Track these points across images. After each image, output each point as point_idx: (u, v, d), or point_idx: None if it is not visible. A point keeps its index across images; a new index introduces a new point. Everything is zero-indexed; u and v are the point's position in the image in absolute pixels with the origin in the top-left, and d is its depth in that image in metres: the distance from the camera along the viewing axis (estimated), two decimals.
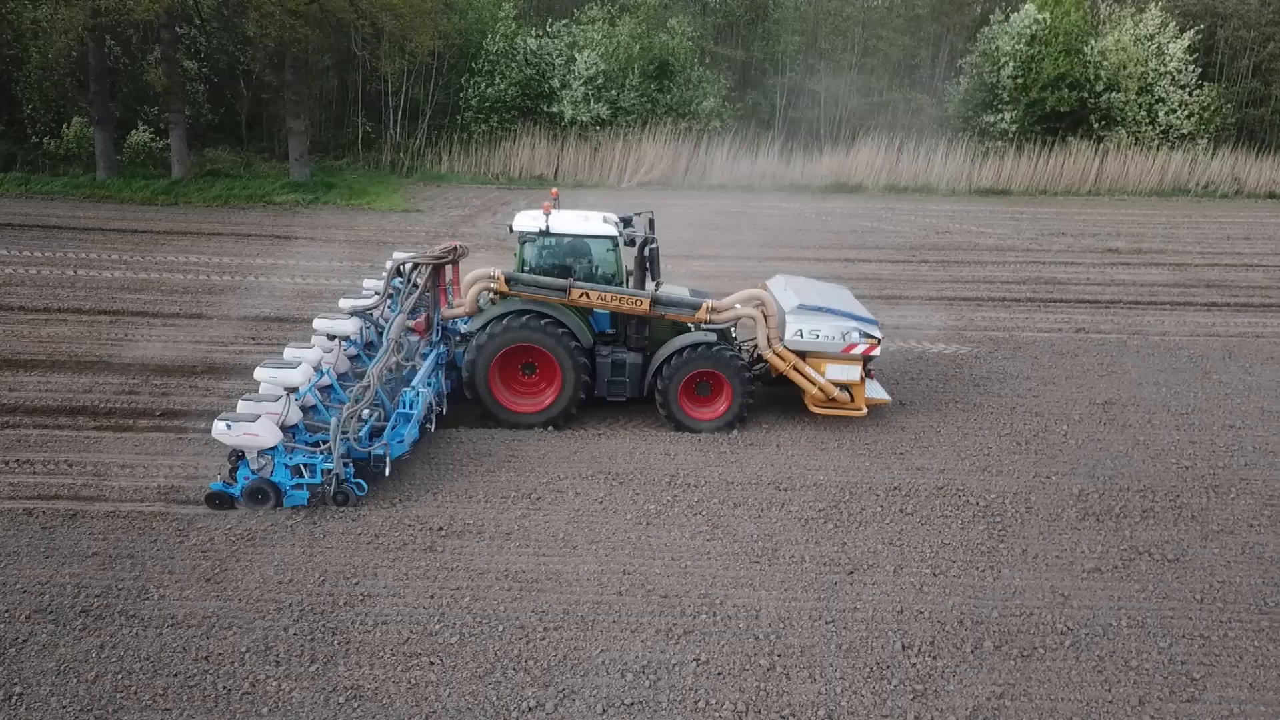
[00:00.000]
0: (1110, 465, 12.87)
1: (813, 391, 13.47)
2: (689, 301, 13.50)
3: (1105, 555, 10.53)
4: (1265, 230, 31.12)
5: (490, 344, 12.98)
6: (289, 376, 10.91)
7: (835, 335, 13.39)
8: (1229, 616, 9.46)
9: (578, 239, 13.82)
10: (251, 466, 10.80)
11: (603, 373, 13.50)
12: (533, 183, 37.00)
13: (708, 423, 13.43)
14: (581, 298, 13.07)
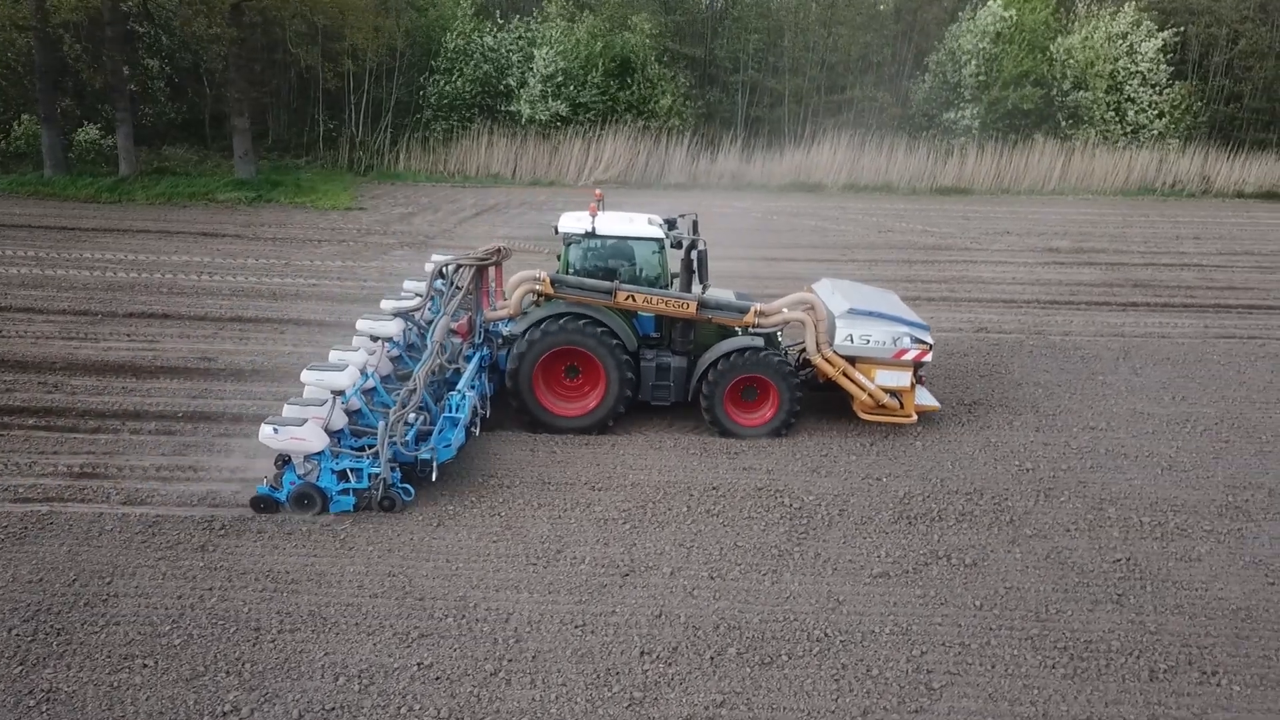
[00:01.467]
0: (948, 467, 12.57)
1: (862, 398, 13.18)
2: (736, 305, 13.26)
3: (900, 560, 10.24)
4: (1219, 230, 30.53)
5: (535, 347, 12.79)
6: (336, 379, 10.75)
7: (886, 340, 13.11)
8: (1001, 624, 9.16)
9: (624, 241, 13.61)
10: (298, 471, 10.64)
11: (647, 377, 13.31)
12: (489, 181, 36.92)
13: (754, 429, 13.17)
14: (627, 300, 12.89)
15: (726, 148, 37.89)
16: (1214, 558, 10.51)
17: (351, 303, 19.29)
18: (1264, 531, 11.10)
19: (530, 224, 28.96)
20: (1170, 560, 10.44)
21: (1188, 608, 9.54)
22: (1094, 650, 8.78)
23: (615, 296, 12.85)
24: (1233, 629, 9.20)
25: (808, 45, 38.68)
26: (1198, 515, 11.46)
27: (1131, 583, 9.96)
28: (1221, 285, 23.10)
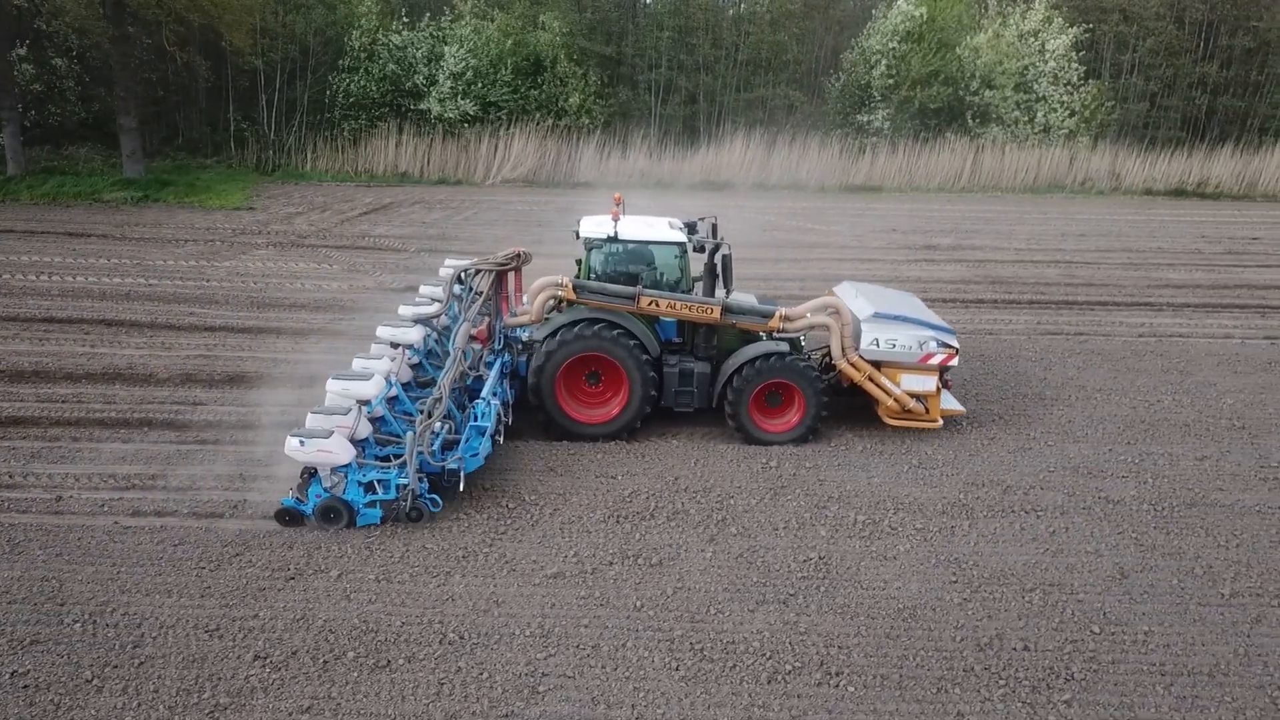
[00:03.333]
0: (690, 465, 12.46)
1: (888, 403, 13.08)
2: (761, 310, 13.09)
3: (586, 560, 10.12)
4: (1110, 227, 30.51)
5: (557, 353, 12.62)
6: (362, 389, 10.63)
7: (912, 345, 12.97)
8: (650, 625, 9.05)
9: (646, 245, 13.38)
10: (324, 484, 10.43)
11: (670, 383, 13.12)
12: (396, 180, 36.76)
13: (779, 435, 13.04)
14: (651, 306, 12.71)
15: (637, 146, 37.76)
16: (910, 556, 10.41)
17: (177, 303, 19.15)
18: (975, 530, 11.00)
19: (413, 223, 28.83)
20: (865, 559, 10.34)
21: (853, 608, 9.43)
22: (730, 651, 8.67)
23: (638, 302, 12.66)
24: (886, 629, 9.09)
25: (719, 43, 38.55)
26: (918, 513, 11.36)
27: (811, 582, 9.85)
28: (1079, 282, 23.05)
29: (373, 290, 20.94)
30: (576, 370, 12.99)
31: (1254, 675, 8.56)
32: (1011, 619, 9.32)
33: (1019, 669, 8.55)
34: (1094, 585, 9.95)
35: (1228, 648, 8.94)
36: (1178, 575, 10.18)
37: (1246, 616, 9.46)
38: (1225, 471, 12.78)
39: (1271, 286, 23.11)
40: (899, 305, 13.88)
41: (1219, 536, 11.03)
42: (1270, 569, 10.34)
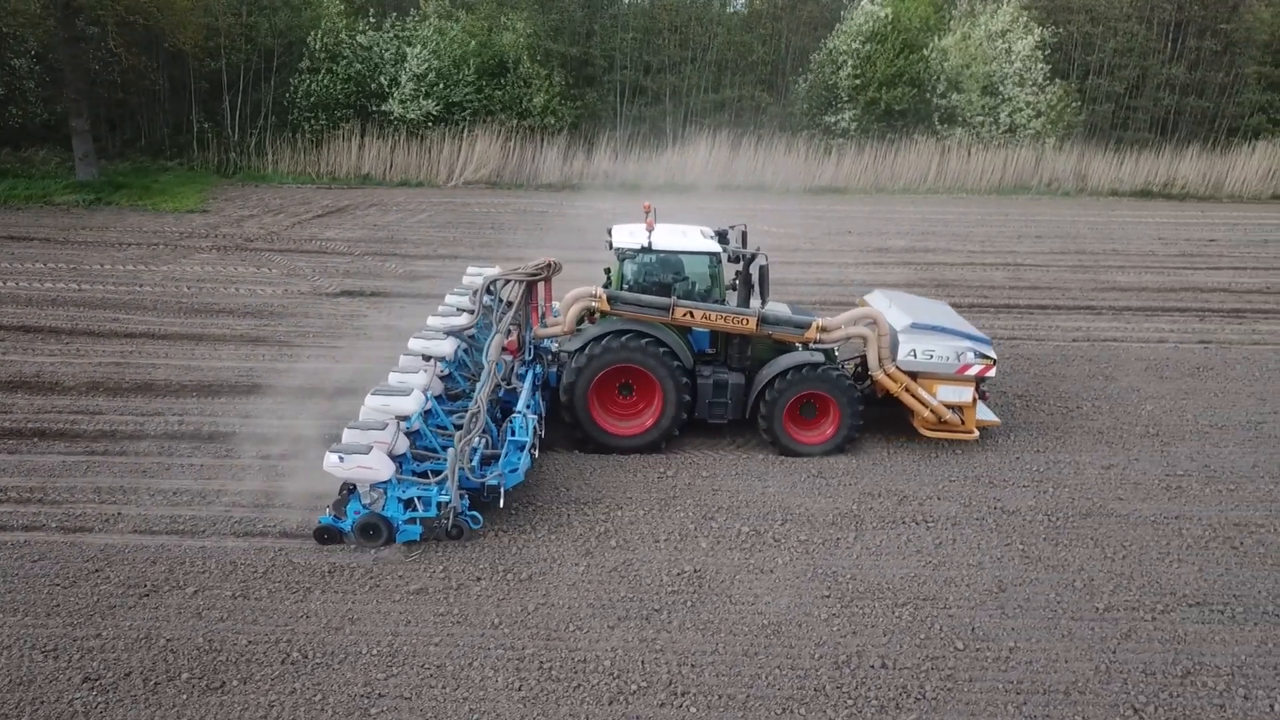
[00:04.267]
0: (585, 479, 12.25)
1: (924, 414, 12.91)
2: (798, 320, 12.96)
3: (453, 575, 9.94)
4: (1067, 229, 30.36)
5: (591, 365, 12.48)
6: (402, 404, 10.51)
7: (950, 355, 12.81)
8: (495, 643, 8.86)
9: (680, 255, 13.22)
10: (363, 500, 10.28)
11: (704, 394, 12.96)
12: (357, 182, 36.56)
13: (814, 446, 12.91)
14: (685, 316, 12.58)
15: (602, 147, 37.60)
16: (788, 569, 10.24)
17: (103, 308, 18.96)
18: (860, 542, 10.83)
19: (366, 225, 28.66)
20: (741, 572, 10.16)
21: (717, 624, 9.25)
22: (578, 670, 8.50)
23: (673, 313, 12.52)
24: (745, 646, 8.93)
25: (685, 44, 38.35)
26: (806, 525, 11.19)
27: (680, 597, 9.67)
28: (1025, 285, 22.89)
29: (307, 295, 20.76)
30: (609, 382, 12.85)
31: (1111, 692, 8.38)
32: (876, 635, 9.14)
33: (872, 687, 8.37)
34: (969, 599, 9.78)
35: (1090, 664, 8.76)
36: (1056, 588, 10.01)
37: (1117, 631, 9.29)
38: (1129, 480, 12.62)
39: (1217, 289, 22.96)
40: (934, 315, 13.74)
41: (1107, 548, 10.86)
42: (1151, 581, 10.17)
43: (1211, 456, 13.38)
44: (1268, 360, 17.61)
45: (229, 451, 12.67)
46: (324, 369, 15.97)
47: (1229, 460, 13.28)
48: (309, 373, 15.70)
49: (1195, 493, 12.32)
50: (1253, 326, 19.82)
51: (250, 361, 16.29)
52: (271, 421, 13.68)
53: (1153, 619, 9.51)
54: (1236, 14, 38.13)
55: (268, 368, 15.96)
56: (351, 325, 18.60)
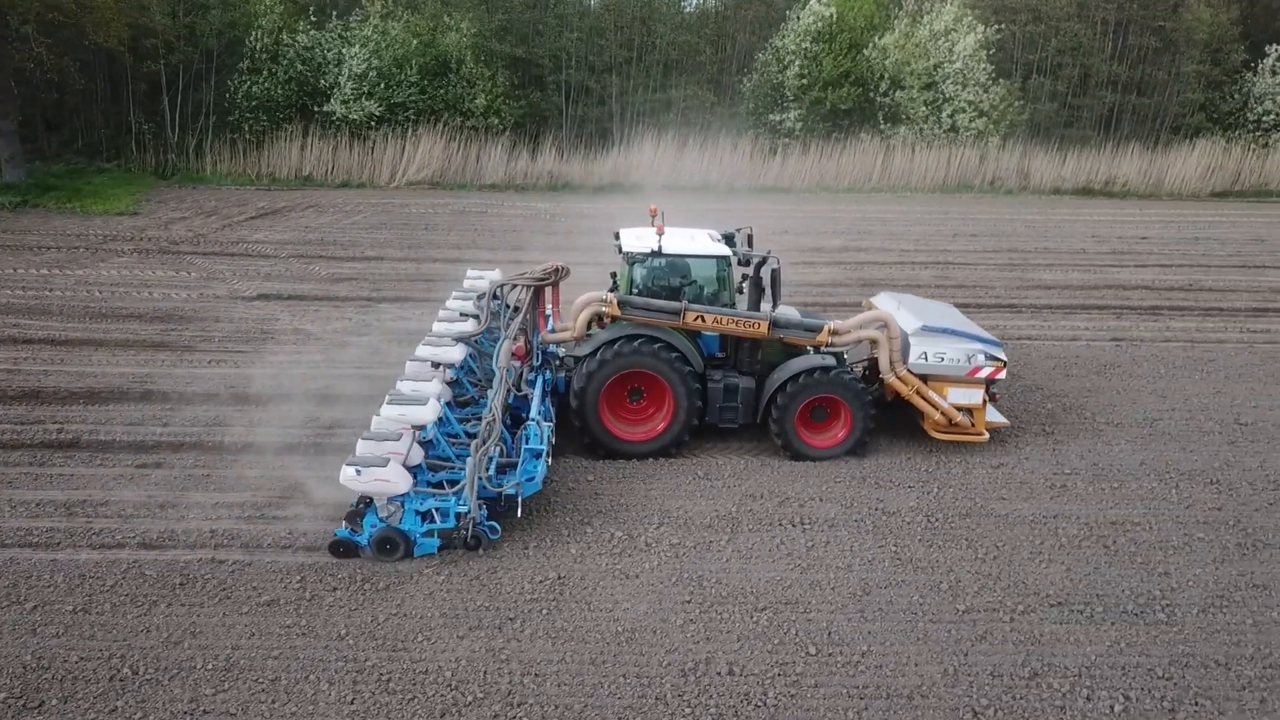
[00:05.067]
0: None
1: (935, 417, 12.89)
2: (810, 324, 12.88)
3: (309, 585, 9.74)
4: (1005, 227, 30.54)
5: (602, 370, 12.33)
6: (420, 413, 10.29)
7: (961, 358, 12.81)
8: (338, 654, 8.67)
9: (690, 259, 13.10)
10: (380, 514, 10.05)
11: (714, 399, 12.83)
12: (297, 184, 36.15)
13: (826, 450, 12.82)
14: (696, 321, 12.47)
15: (547, 148, 37.41)
16: (654, 574, 10.12)
17: (5, 314, 18.57)
18: (732, 545, 10.73)
19: (298, 228, 28.32)
20: (606, 578, 10.03)
21: (570, 631, 9.12)
22: (416, 682, 8.33)
23: (684, 317, 12.41)
24: (594, 654, 8.80)
25: (630, 44, 38.21)
26: (682, 528, 11.07)
27: (538, 605, 9.53)
28: (952, 284, 22.93)
29: (222, 299, 20.44)
30: (619, 387, 12.73)
31: (954, 696, 8.32)
32: (729, 641, 9.03)
33: (714, 695, 8.26)
34: (831, 603, 9.70)
35: (939, 667, 8.71)
36: (921, 591, 9.95)
37: (973, 633, 9.24)
38: (1016, 479, 12.61)
39: (1140, 287, 23.12)
40: (942, 317, 13.71)
41: (980, 548, 10.83)
42: (1017, 582, 10.14)
43: (1102, 455, 13.41)
44: (1175, 357, 17.72)
45: (104, 461, 12.39)
46: (223, 374, 15.72)
47: (1118, 458, 13.31)
48: (206, 378, 15.46)
49: (1079, 491, 12.33)
50: (1166, 324, 19.96)
51: (148, 368, 15.97)
52: (155, 429, 13.42)
53: (1011, 620, 9.47)
54: (1176, 14, 38.47)
55: (164, 374, 15.67)
56: (261, 329, 18.31)
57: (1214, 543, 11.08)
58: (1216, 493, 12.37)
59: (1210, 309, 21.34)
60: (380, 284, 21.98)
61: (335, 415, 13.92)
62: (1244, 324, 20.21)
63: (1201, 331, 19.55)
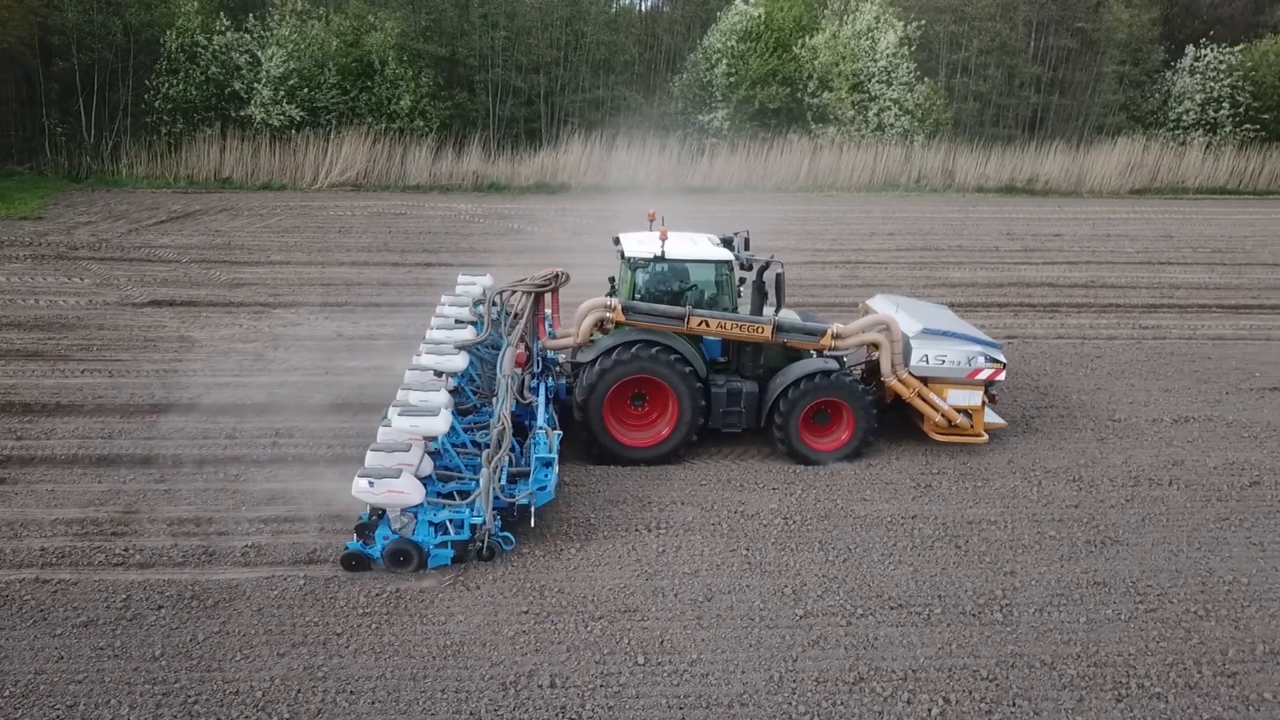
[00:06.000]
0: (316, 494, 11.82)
1: (935, 419, 12.93)
2: (813, 328, 12.90)
3: (136, 603, 9.43)
4: (924, 225, 30.80)
5: (606, 376, 12.21)
6: (432, 424, 10.15)
7: (961, 360, 12.90)
8: (140, 678, 8.39)
9: (692, 264, 13.02)
10: (393, 526, 9.84)
11: (718, 403, 12.80)
12: (215, 186, 35.48)
13: (829, 453, 12.83)
14: (701, 326, 12.39)
15: (474, 148, 37.09)
16: (496, 586, 9.94)
17: None
18: (582, 553, 10.57)
19: (207, 231, 27.75)
20: (445, 590, 9.83)
21: (395, 647, 8.92)
22: (212, 704, 8.05)
23: (688, 322, 12.29)
24: (417, 669, 8.60)
25: (555, 43, 37.98)
26: (534, 536, 10.88)
27: (371, 619, 9.30)
28: (859, 284, 22.98)
29: (111, 305, 19.95)
30: (622, 393, 12.66)
31: (775, 703, 8.25)
32: (558, 652, 8.89)
33: (529, 709, 8.11)
34: (670, 610, 9.59)
35: (765, 674, 8.63)
36: (763, 595, 9.89)
37: (807, 638, 9.18)
38: (882, 480, 12.61)
39: (1044, 284, 23.40)
40: (941, 319, 13.84)
41: (832, 551, 10.80)
42: (862, 584, 10.12)
43: (971, 454, 13.46)
44: (1064, 354, 17.92)
45: None
46: (92, 385, 15.29)
47: (987, 457, 13.39)
48: (73, 389, 15.04)
49: (941, 491, 12.36)
50: (1062, 321, 20.21)
51: (15, 379, 15.49)
52: (8, 443, 13.00)
53: (848, 624, 9.43)
54: (1095, 14, 39.08)
55: (31, 384, 15.20)
56: (145, 337, 17.86)
57: (1064, 540, 11.15)
58: (1077, 490, 12.47)
59: (1108, 306, 21.65)
60: (279, 289, 21.57)
61: (202, 426, 13.61)
62: (1137, 320, 20.52)
63: (1094, 328, 19.81)
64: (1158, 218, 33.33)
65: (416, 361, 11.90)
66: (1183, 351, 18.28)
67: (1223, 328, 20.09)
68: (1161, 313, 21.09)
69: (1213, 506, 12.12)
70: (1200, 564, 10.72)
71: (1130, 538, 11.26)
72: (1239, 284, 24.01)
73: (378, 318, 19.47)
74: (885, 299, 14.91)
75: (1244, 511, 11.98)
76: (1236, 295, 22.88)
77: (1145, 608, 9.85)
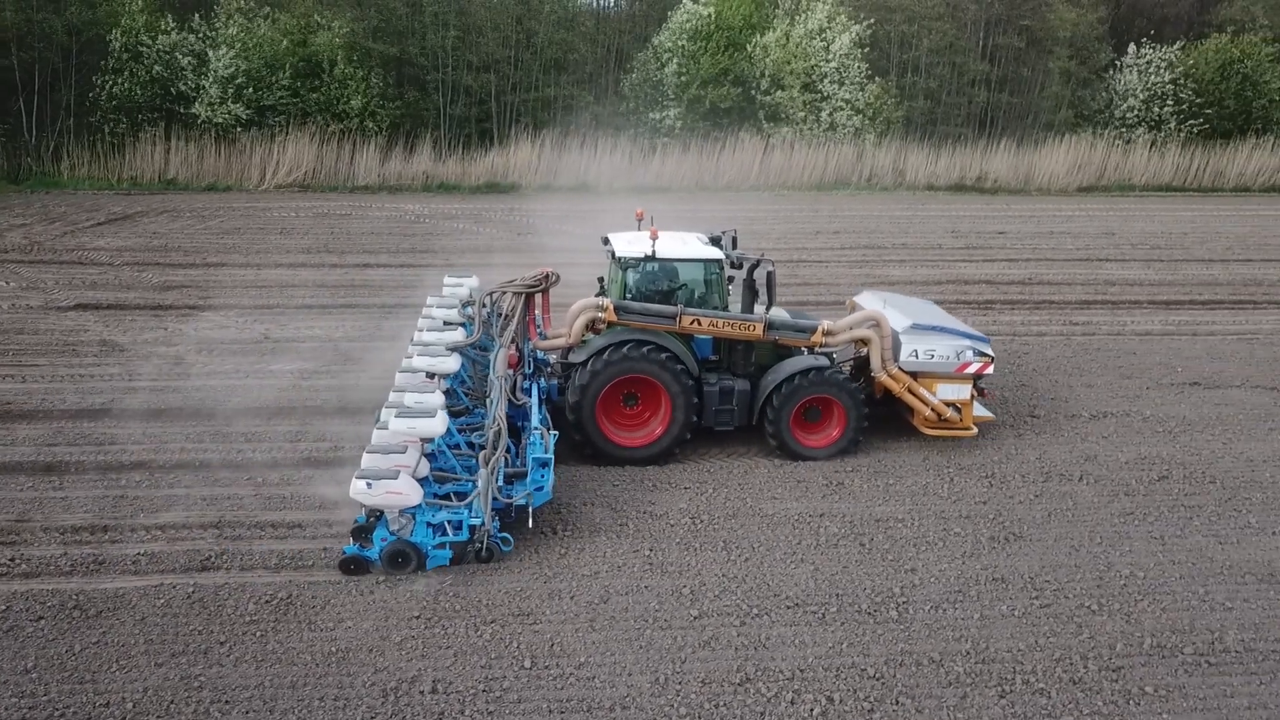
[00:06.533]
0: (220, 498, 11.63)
1: (925, 413, 13.02)
2: (804, 325, 13.00)
3: (16, 613, 9.19)
4: (870, 224, 30.95)
5: (599, 376, 12.22)
6: (430, 425, 10.14)
7: (950, 355, 13.02)
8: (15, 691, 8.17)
9: (684, 263, 13.06)
10: (391, 527, 9.81)
11: (710, 402, 12.85)
12: (159, 187, 34.99)
13: (821, 450, 12.95)
14: (692, 324, 12.45)
15: (424, 148, 36.83)
16: (389, 591, 9.80)
17: None
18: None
19: (145, 234, 27.35)
20: (340, 595, 9.68)
21: (278, 655, 8.74)
22: (80, 717, 7.87)
23: (680, 321, 12.33)
24: (298, 677, 8.44)
25: (506, 43, 37.77)
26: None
27: (259, 626, 9.13)
28: (797, 282, 23.03)
29: (35, 309, 19.59)
30: (614, 393, 12.64)
31: (656, 706, 8.19)
32: (444, 658, 8.77)
33: (411, 715, 8.00)
34: (564, 613, 9.50)
35: (651, 676, 8.57)
36: (660, 596, 9.83)
37: (699, 639, 9.13)
38: (794, 478, 12.61)
39: (982, 282, 23.58)
40: (929, 314, 14.01)
41: (735, 550, 10.76)
42: (761, 584, 10.09)
43: (888, 451, 13.50)
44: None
45: None
46: (1, 390, 14.94)
47: (903, 454, 13.43)
48: None
49: (853, 489, 12.37)
50: (994, 318, 20.35)
51: None
52: None
53: (741, 624, 9.39)
54: (1039, 12, 39.46)
55: None
56: (65, 342, 17.54)
57: (968, 537, 11.19)
58: (987, 486, 12.53)
59: (1041, 302, 21.84)
60: (211, 291, 21.27)
61: (110, 432, 13.39)
62: (1069, 316, 20.71)
63: (1026, 325, 19.97)
64: (1102, 215, 33.70)
65: (407, 364, 11.81)
66: (1109, 347, 18.45)
67: (1151, 323, 20.32)
68: (1093, 309, 21.31)
69: (1119, 501, 12.19)
70: (1100, 559, 10.78)
71: (1034, 533, 11.31)
72: (1173, 280, 24.31)
73: (308, 320, 19.24)
74: (873, 295, 15.05)
75: (1150, 506, 12.08)
76: (1169, 291, 23.16)
77: (1040, 603, 9.88)
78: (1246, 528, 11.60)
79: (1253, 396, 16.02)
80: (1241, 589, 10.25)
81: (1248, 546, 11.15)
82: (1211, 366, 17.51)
